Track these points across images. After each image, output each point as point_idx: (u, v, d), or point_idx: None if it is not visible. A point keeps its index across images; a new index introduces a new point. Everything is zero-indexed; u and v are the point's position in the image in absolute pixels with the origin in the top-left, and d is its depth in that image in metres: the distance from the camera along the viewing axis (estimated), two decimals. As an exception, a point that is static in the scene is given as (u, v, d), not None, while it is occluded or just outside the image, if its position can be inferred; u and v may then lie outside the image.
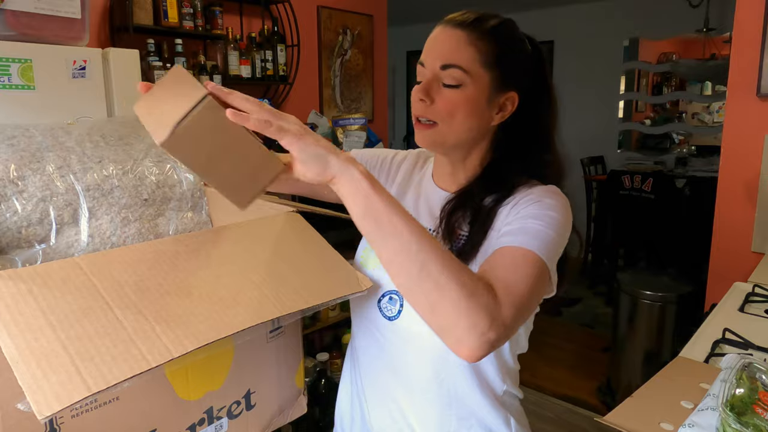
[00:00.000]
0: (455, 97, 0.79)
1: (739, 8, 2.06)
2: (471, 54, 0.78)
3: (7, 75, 1.13)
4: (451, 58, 0.78)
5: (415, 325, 0.84)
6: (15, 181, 0.94)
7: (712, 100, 5.54)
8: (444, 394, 0.87)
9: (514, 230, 0.75)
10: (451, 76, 0.78)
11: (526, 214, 0.77)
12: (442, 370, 0.86)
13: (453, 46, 0.79)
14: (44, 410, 0.53)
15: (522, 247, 0.72)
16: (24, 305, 0.62)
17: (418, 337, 0.85)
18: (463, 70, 0.78)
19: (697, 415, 0.81)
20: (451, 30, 0.79)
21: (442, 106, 0.80)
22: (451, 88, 0.79)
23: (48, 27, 1.20)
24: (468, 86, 0.79)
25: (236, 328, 0.68)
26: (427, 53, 0.81)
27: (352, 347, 1.03)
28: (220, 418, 0.91)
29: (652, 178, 3.94)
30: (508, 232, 0.75)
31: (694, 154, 4.83)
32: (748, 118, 2.08)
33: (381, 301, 0.89)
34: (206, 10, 2.43)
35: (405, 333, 0.86)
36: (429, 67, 0.81)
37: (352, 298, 0.93)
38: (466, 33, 0.79)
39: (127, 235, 1.04)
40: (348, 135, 2.75)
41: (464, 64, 0.78)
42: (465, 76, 0.78)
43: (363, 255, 0.95)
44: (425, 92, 0.80)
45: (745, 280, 1.64)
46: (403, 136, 7.05)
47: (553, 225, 0.75)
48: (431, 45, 0.81)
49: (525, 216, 0.76)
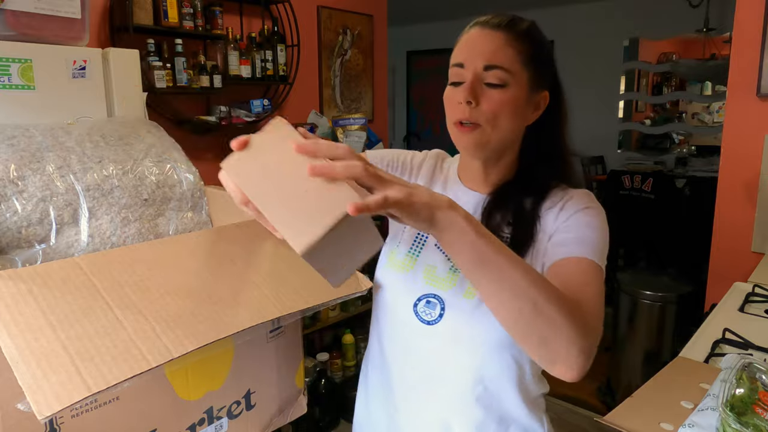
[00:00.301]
0: (501, 98, 0.79)
1: (739, 8, 2.06)
2: (512, 54, 0.78)
3: (7, 75, 1.13)
4: (494, 59, 0.78)
5: (460, 328, 0.83)
6: (15, 181, 0.94)
7: (712, 100, 5.54)
8: (485, 398, 0.85)
9: (574, 239, 0.78)
10: (496, 76, 0.78)
11: (580, 222, 0.79)
12: (486, 374, 0.84)
13: (495, 46, 0.78)
14: (44, 410, 0.53)
15: (586, 257, 0.75)
16: (24, 305, 0.62)
17: (462, 340, 0.83)
18: (507, 71, 0.78)
19: (697, 415, 0.81)
20: (490, 31, 0.79)
21: (488, 107, 0.79)
22: (495, 88, 0.78)
23: (48, 27, 1.20)
24: (511, 86, 0.79)
25: (236, 328, 0.68)
26: (467, 54, 0.80)
27: (379, 355, 0.95)
28: (220, 418, 0.91)
29: (652, 178, 3.94)
30: (569, 242, 0.78)
31: (694, 154, 4.83)
32: (748, 118, 2.08)
33: (417, 305, 0.86)
34: (206, 10, 2.43)
35: (447, 337, 0.84)
36: (470, 67, 0.79)
37: (380, 305, 0.93)
38: (504, 34, 0.79)
39: (127, 235, 1.04)
40: (348, 135, 2.75)
41: (507, 64, 0.78)
42: (508, 75, 0.78)
43: (391, 259, 0.92)
44: (472, 94, 0.78)
45: (745, 280, 1.64)
46: (403, 136, 7.05)
47: (604, 232, 0.80)
48: (470, 46, 0.80)
49: (580, 224, 0.79)
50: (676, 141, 5.38)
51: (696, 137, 5.35)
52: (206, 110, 2.59)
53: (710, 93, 5.55)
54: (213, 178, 2.78)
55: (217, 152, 2.69)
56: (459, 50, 0.81)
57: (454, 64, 0.81)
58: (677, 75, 5.47)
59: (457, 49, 0.82)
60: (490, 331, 0.81)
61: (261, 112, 2.69)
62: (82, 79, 1.25)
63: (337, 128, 2.87)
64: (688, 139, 5.37)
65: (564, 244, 0.78)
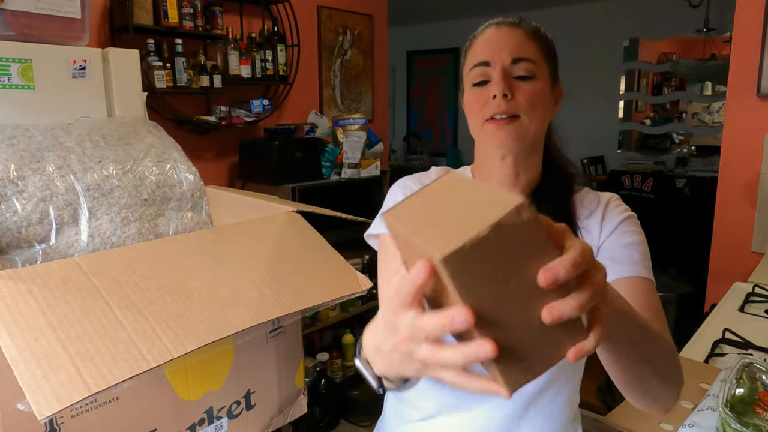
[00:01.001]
0: (533, 88, 0.78)
1: (739, 8, 2.06)
2: (535, 47, 0.79)
3: (7, 75, 1.13)
4: (521, 51, 0.78)
5: None
6: (15, 181, 0.94)
7: (712, 100, 5.54)
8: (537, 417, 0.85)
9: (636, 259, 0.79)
10: (525, 68, 0.78)
11: (632, 240, 0.81)
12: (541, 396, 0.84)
13: (519, 40, 0.78)
14: (44, 410, 0.53)
15: (647, 278, 0.79)
16: (24, 305, 0.62)
17: None
18: (534, 62, 0.78)
19: (697, 415, 0.81)
20: (509, 28, 0.80)
21: (523, 98, 0.78)
22: (525, 80, 0.78)
23: (48, 27, 1.20)
24: (539, 78, 0.79)
25: (236, 328, 0.68)
26: (492, 50, 0.79)
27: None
28: (220, 418, 0.91)
29: (652, 178, 3.94)
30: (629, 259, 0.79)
31: (694, 154, 4.83)
32: (748, 118, 2.08)
33: None
34: (206, 10, 2.43)
35: None
36: (497, 63, 0.78)
37: None
38: (522, 30, 0.79)
39: (127, 235, 1.04)
40: (348, 135, 2.75)
41: (533, 56, 0.78)
42: (536, 67, 0.78)
43: None
44: (507, 86, 0.77)
45: (745, 280, 1.64)
46: (403, 136, 7.05)
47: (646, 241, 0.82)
48: (494, 42, 0.79)
49: (633, 243, 0.80)
50: (676, 141, 5.38)
51: (696, 137, 5.35)
52: (206, 110, 2.59)
53: (710, 93, 5.55)
54: (213, 178, 2.79)
55: (217, 152, 2.69)
56: (479, 50, 0.80)
57: (477, 64, 0.79)
58: (677, 75, 5.47)
59: (474, 51, 0.81)
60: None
61: (261, 112, 2.69)
62: (82, 79, 1.25)
63: (337, 128, 2.87)
64: (688, 139, 5.37)
65: (624, 261, 0.79)
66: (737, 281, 1.64)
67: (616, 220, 0.82)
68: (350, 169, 2.69)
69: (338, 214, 1.01)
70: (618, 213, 0.83)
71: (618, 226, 0.81)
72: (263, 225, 0.91)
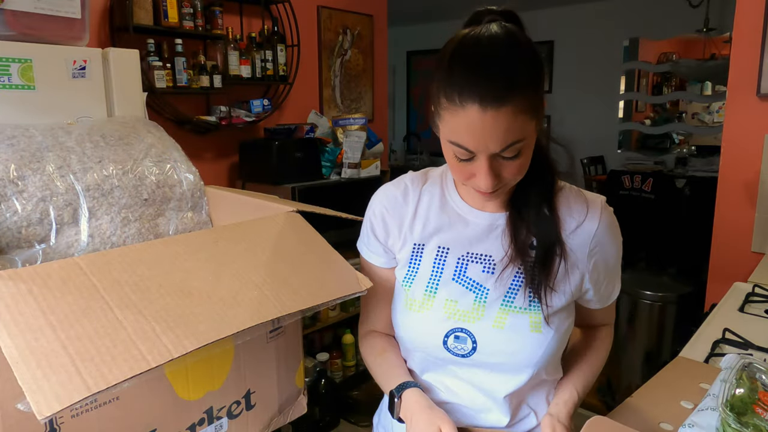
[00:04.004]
0: (520, 163, 0.75)
1: (739, 8, 2.06)
2: (523, 119, 0.71)
3: (7, 75, 1.13)
4: (508, 138, 0.70)
5: (495, 358, 0.84)
6: (15, 181, 0.94)
7: (712, 100, 5.54)
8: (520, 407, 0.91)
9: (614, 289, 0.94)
10: (513, 150, 0.72)
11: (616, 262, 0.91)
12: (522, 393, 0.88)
13: (506, 124, 0.69)
14: (44, 410, 0.53)
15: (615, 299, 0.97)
16: (24, 305, 0.62)
17: (498, 368, 0.85)
18: (522, 140, 0.72)
19: (697, 415, 0.81)
20: (495, 112, 0.68)
21: (510, 175, 0.76)
22: (513, 159, 0.74)
23: (48, 27, 1.20)
24: (528, 143, 0.74)
25: (236, 328, 0.68)
26: (477, 141, 0.71)
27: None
28: (220, 418, 0.91)
29: (652, 178, 3.94)
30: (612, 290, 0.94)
31: (694, 154, 4.83)
32: (748, 118, 2.08)
33: (447, 342, 0.84)
34: (206, 10, 2.43)
35: (485, 366, 0.85)
36: (483, 153, 0.72)
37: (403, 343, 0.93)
38: (510, 107, 0.69)
39: (127, 235, 1.04)
40: (348, 135, 2.75)
41: (521, 134, 0.71)
42: (524, 143, 0.73)
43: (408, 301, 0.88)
44: (496, 178, 0.74)
45: (745, 280, 1.64)
46: (403, 136, 7.05)
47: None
48: (479, 132, 0.70)
49: (617, 265, 0.92)
50: (676, 141, 5.38)
51: (696, 137, 5.35)
52: (206, 110, 2.59)
53: (710, 93, 5.55)
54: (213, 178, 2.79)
55: (217, 152, 2.69)
56: (461, 134, 0.72)
57: (460, 146, 0.73)
58: (677, 75, 5.47)
59: (456, 129, 0.72)
60: (523, 354, 0.83)
61: (261, 112, 2.69)
62: (82, 79, 1.25)
63: (337, 128, 2.87)
64: (688, 139, 5.37)
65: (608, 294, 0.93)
66: (737, 281, 1.64)
67: (611, 247, 0.88)
68: (350, 169, 2.70)
69: (338, 214, 1.01)
70: (609, 232, 0.87)
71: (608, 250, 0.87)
72: (263, 225, 0.91)
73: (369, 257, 0.94)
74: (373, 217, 0.92)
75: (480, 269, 0.85)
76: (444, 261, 0.86)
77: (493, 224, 0.86)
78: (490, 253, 0.85)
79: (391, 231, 0.91)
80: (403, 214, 0.90)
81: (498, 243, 0.85)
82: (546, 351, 0.82)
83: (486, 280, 0.84)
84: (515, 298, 0.83)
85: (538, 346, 0.82)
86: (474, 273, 0.85)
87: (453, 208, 0.88)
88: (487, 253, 0.85)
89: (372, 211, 0.93)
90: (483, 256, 0.85)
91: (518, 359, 0.83)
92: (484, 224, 0.86)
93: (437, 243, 0.87)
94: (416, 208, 0.89)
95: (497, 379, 0.86)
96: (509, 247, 0.83)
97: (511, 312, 0.82)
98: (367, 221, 0.94)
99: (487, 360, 0.84)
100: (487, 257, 0.85)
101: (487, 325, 0.83)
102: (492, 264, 0.84)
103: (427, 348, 0.87)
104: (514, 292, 0.83)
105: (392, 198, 0.91)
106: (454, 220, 0.88)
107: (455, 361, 0.86)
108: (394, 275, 0.93)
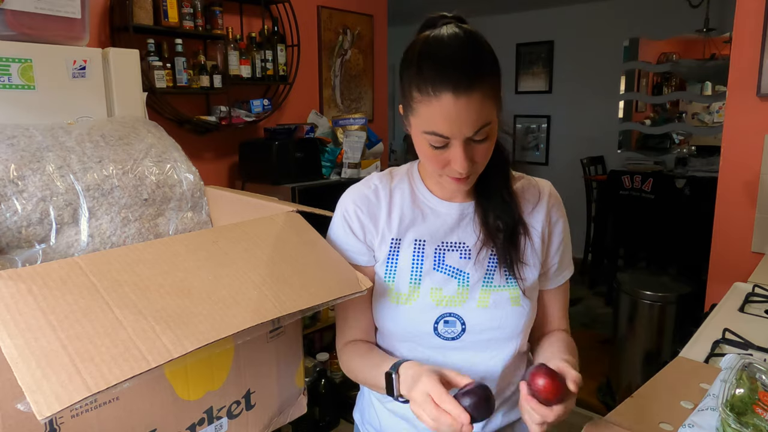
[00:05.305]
0: (489, 145, 0.82)
1: (739, 8, 2.06)
2: (490, 104, 0.78)
3: (7, 75, 1.13)
4: (480, 121, 0.77)
5: (483, 335, 0.90)
6: (15, 181, 0.94)
7: (712, 100, 5.54)
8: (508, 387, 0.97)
9: (567, 264, 1.00)
10: (483, 133, 0.79)
11: (565, 236, 0.98)
12: (512, 364, 0.94)
13: (477, 108, 0.76)
14: (44, 410, 0.53)
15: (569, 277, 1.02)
16: (24, 305, 0.62)
17: (487, 345, 0.91)
18: (491, 123, 0.79)
19: (697, 415, 0.81)
20: (467, 99, 0.75)
21: (480, 158, 0.82)
22: (483, 142, 0.80)
23: (48, 27, 1.20)
24: (493, 126, 0.81)
25: (236, 328, 0.68)
26: (452, 127, 0.77)
27: None
28: (220, 418, 0.91)
29: (652, 178, 3.94)
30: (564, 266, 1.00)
31: (694, 154, 4.83)
32: (748, 118, 2.08)
33: (437, 327, 0.90)
34: (206, 10, 2.43)
35: (474, 344, 0.91)
36: (458, 138, 0.78)
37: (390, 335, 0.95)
38: (478, 91, 0.75)
39: (127, 235, 1.04)
40: (348, 135, 2.75)
41: (490, 116, 0.79)
42: (492, 126, 0.80)
43: (392, 294, 0.92)
44: (470, 161, 0.80)
45: (745, 281, 1.64)
46: (403, 136, 7.04)
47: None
48: (453, 117, 0.76)
49: (567, 239, 0.99)
50: (676, 141, 5.38)
51: (696, 137, 5.35)
52: (206, 110, 2.59)
53: (710, 93, 5.55)
54: (213, 178, 2.79)
55: (217, 152, 2.69)
56: (437, 120, 0.77)
57: (435, 134, 0.78)
58: (677, 75, 5.47)
59: (431, 119, 0.78)
60: (508, 327, 0.91)
61: (261, 112, 2.69)
62: (82, 79, 1.25)
63: (337, 128, 2.87)
64: (688, 139, 5.37)
65: (561, 271, 0.99)
66: (737, 281, 1.64)
67: (560, 221, 0.97)
68: (350, 169, 2.69)
69: (338, 214, 1.01)
70: (558, 209, 0.97)
71: (559, 228, 0.97)
72: (263, 225, 0.92)
73: (352, 258, 0.95)
74: (348, 217, 0.94)
75: (457, 256, 0.92)
76: (422, 253, 0.92)
77: (463, 213, 0.93)
78: (463, 240, 0.92)
79: (368, 228, 0.94)
80: (377, 212, 0.94)
81: (470, 230, 0.92)
82: (527, 320, 0.93)
83: (465, 266, 0.91)
84: (494, 277, 0.91)
85: (519, 317, 0.91)
86: (452, 261, 0.91)
87: (424, 201, 0.94)
88: (461, 240, 0.92)
89: (345, 212, 0.95)
90: (458, 244, 0.92)
91: (505, 333, 0.91)
92: (455, 214, 0.93)
93: (413, 236, 0.92)
94: (390, 205, 0.94)
95: (485, 356, 0.92)
96: (480, 232, 0.91)
97: (492, 291, 0.91)
98: (342, 223, 0.95)
99: (476, 338, 0.90)
100: (461, 244, 0.92)
101: (472, 306, 0.90)
102: (467, 250, 0.92)
103: (417, 336, 0.91)
104: (491, 272, 0.91)
105: (364, 198, 0.95)
106: (427, 213, 0.94)
107: (444, 346, 0.91)
108: (372, 277, 0.95)
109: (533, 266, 0.93)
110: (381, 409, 1.01)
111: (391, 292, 0.92)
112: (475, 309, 0.90)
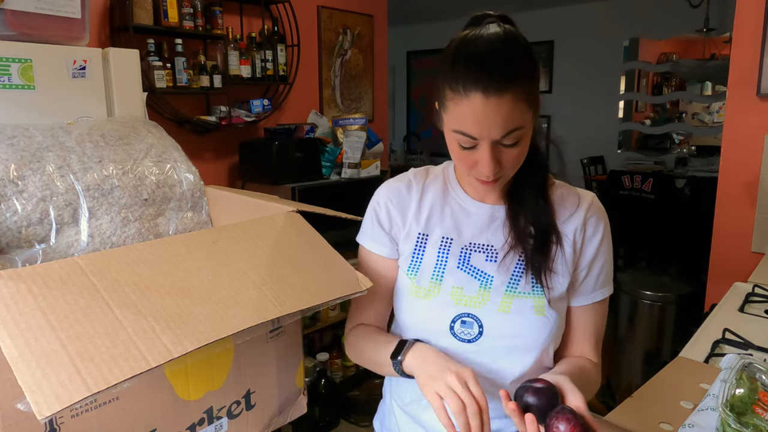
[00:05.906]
0: (520, 151, 0.80)
1: (739, 8, 2.06)
2: (523, 107, 0.76)
3: (7, 75, 1.13)
4: (510, 124, 0.75)
5: (501, 341, 0.87)
6: (15, 181, 0.94)
7: (712, 100, 5.54)
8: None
9: (603, 280, 0.92)
10: (513, 137, 0.77)
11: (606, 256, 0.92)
12: (531, 372, 0.88)
13: (508, 111, 0.74)
14: (44, 410, 0.53)
15: (607, 296, 0.94)
16: (24, 305, 0.62)
17: (506, 352, 0.87)
18: (522, 128, 0.77)
19: (697, 415, 0.81)
20: (498, 99, 0.73)
21: (509, 162, 0.80)
22: (513, 146, 0.78)
23: (48, 27, 1.20)
24: (525, 131, 0.78)
25: (236, 328, 0.68)
26: (481, 127, 0.75)
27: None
28: (220, 418, 0.91)
29: (652, 178, 3.94)
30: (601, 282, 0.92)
31: (694, 154, 4.83)
32: (748, 118, 2.08)
33: (453, 327, 0.88)
34: (206, 10, 2.43)
35: (491, 350, 0.87)
36: (486, 139, 0.77)
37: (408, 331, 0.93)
38: (510, 93, 0.74)
39: (127, 235, 1.04)
40: (348, 135, 2.75)
41: (521, 121, 0.76)
42: (523, 130, 0.78)
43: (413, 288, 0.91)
44: (497, 164, 0.79)
45: (745, 281, 1.64)
46: (403, 136, 7.05)
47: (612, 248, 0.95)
48: (482, 118, 0.75)
49: (607, 259, 0.93)
50: (676, 141, 5.38)
51: (696, 137, 5.35)
52: (206, 110, 2.59)
53: (710, 93, 5.55)
54: (213, 178, 2.79)
55: (217, 152, 2.69)
56: (467, 120, 0.76)
57: (464, 134, 0.77)
58: (677, 75, 5.47)
59: (461, 118, 0.77)
60: (529, 337, 0.87)
61: (261, 112, 2.69)
62: (82, 79, 1.25)
63: (337, 128, 2.87)
64: (688, 139, 5.37)
65: (593, 289, 0.92)
66: (737, 281, 1.64)
67: (599, 235, 0.91)
68: (350, 169, 2.69)
69: (338, 214, 1.02)
70: (597, 222, 0.91)
71: (596, 238, 0.91)
72: (263, 225, 0.92)
73: (372, 248, 0.96)
74: (378, 207, 0.96)
75: (483, 258, 0.89)
76: (448, 251, 0.90)
77: (494, 215, 0.91)
78: (492, 243, 0.90)
79: (395, 221, 0.94)
80: (407, 206, 0.94)
81: (499, 233, 0.90)
82: (550, 333, 0.87)
83: (489, 268, 0.89)
84: (519, 283, 0.88)
85: (542, 328, 0.87)
86: (477, 262, 0.89)
87: (456, 200, 0.93)
88: (489, 243, 0.90)
89: (376, 203, 0.97)
90: (485, 246, 0.90)
91: (525, 342, 0.87)
92: (486, 215, 0.91)
93: (441, 233, 0.91)
94: (420, 200, 0.94)
95: (502, 364, 0.88)
96: (509, 236, 0.89)
97: (515, 296, 0.87)
98: (372, 213, 0.97)
99: (493, 344, 0.87)
100: (489, 247, 0.90)
101: (492, 310, 0.87)
102: (494, 253, 0.89)
103: (433, 333, 0.89)
104: (517, 278, 0.88)
105: (396, 190, 0.96)
106: (457, 211, 0.93)
107: (459, 348, 0.88)
108: (394, 269, 0.95)
109: (562, 276, 0.89)
110: (401, 416, 0.99)
111: (411, 285, 0.92)
112: (495, 313, 0.87)
